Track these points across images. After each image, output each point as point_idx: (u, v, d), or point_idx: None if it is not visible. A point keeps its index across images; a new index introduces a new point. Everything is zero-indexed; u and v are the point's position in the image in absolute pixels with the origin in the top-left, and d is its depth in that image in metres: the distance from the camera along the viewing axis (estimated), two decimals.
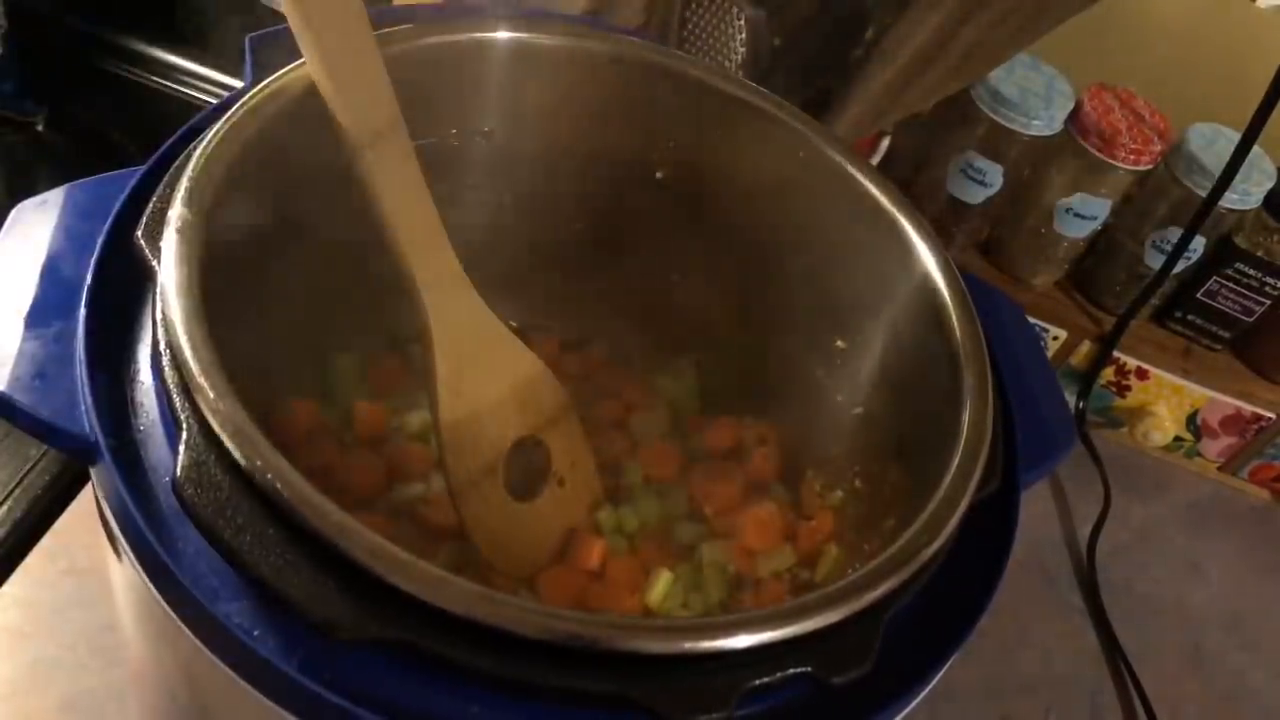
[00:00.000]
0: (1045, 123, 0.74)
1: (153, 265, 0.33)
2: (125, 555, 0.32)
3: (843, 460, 0.47)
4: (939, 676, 0.34)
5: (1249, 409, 0.82)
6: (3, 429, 0.59)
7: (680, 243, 0.51)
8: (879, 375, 0.46)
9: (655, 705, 0.29)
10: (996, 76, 0.73)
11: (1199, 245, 0.76)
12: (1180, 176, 0.75)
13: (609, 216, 0.51)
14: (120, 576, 0.35)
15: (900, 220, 0.44)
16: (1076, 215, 0.77)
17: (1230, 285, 0.78)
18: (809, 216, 0.47)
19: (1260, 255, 0.76)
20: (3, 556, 0.57)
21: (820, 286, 0.48)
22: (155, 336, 0.33)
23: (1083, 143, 0.75)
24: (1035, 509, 0.81)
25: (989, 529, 0.37)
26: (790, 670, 0.30)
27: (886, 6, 0.59)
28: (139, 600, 0.34)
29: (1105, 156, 0.74)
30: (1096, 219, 0.77)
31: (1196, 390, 0.82)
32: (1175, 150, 0.75)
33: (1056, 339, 0.83)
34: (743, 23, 0.56)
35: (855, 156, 0.45)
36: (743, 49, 0.57)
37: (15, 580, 0.57)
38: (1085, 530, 0.80)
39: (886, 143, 0.73)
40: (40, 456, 0.59)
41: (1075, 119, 0.75)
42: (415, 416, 0.49)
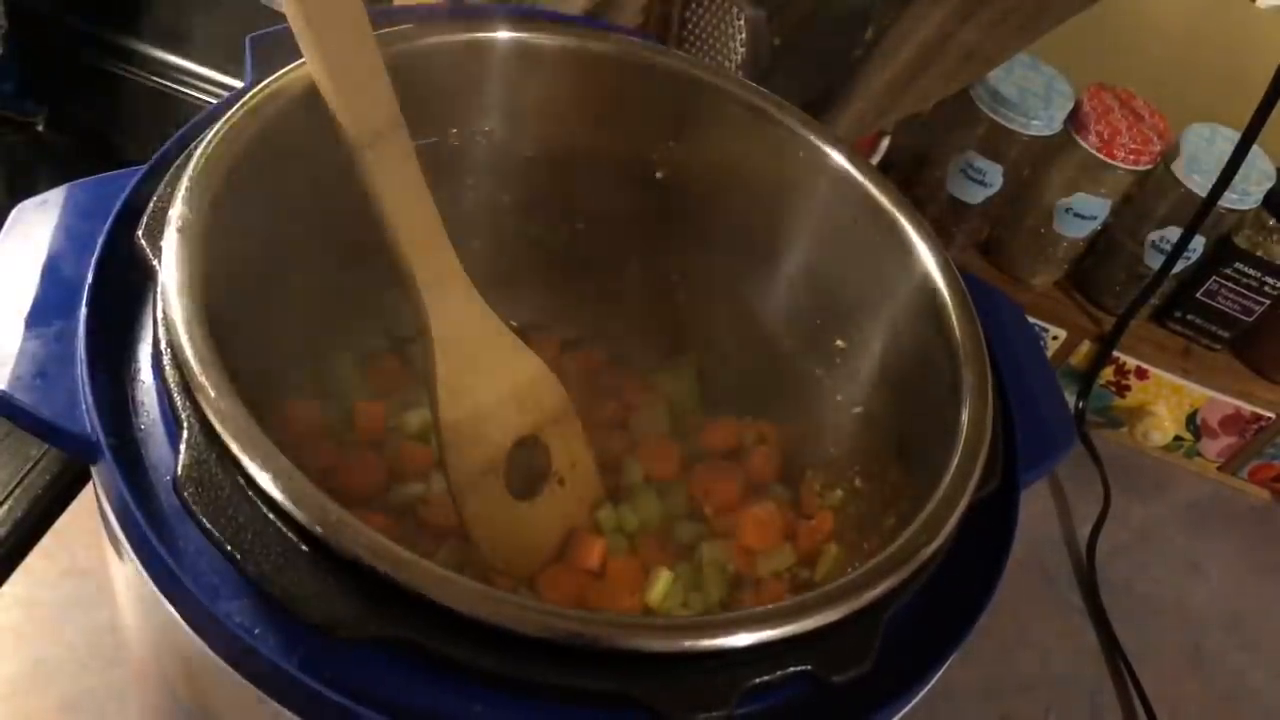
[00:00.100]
0: (1045, 123, 0.74)
1: (153, 265, 0.34)
2: (126, 554, 0.32)
3: (842, 460, 0.47)
4: (939, 676, 0.34)
5: (1249, 409, 0.82)
6: (3, 428, 0.59)
7: (680, 243, 0.51)
8: (879, 375, 0.46)
9: (656, 703, 0.29)
10: (996, 76, 0.73)
11: (1198, 245, 0.76)
12: (1180, 176, 0.75)
13: (610, 216, 0.51)
14: (121, 576, 0.35)
15: (900, 220, 0.44)
16: (1076, 215, 0.77)
17: (1230, 285, 0.78)
18: (809, 216, 0.47)
19: (1260, 255, 0.76)
20: (3, 556, 0.57)
21: (820, 286, 0.48)
22: (156, 336, 0.33)
23: (1082, 143, 0.75)
24: (1035, 508, 0.81)
25: (989, 528, 0.37)
26: (790, 669, 0.30)
27: (886, 6, 0.60)
28: (140, 599, 0.34)
29: (1105, 156, 0.74)
30: (1096, 219, 0.77)
31: (1196, 390, 0.82)
32: (1175, 150, 0.75)
33: (1056, 339, 0.83)
34: (742, 22, 0.56)
35: (855, 156, 0.45)
36: (742, 49, 0.57)
37: (16, 580, 0.57)
38: (1085, 530, 0.80)
39: (886, 143, 0.73)
40: (41, 456, 0.59)
41: (1075, 119, 0.75)
42: (415, 416, 0.49)
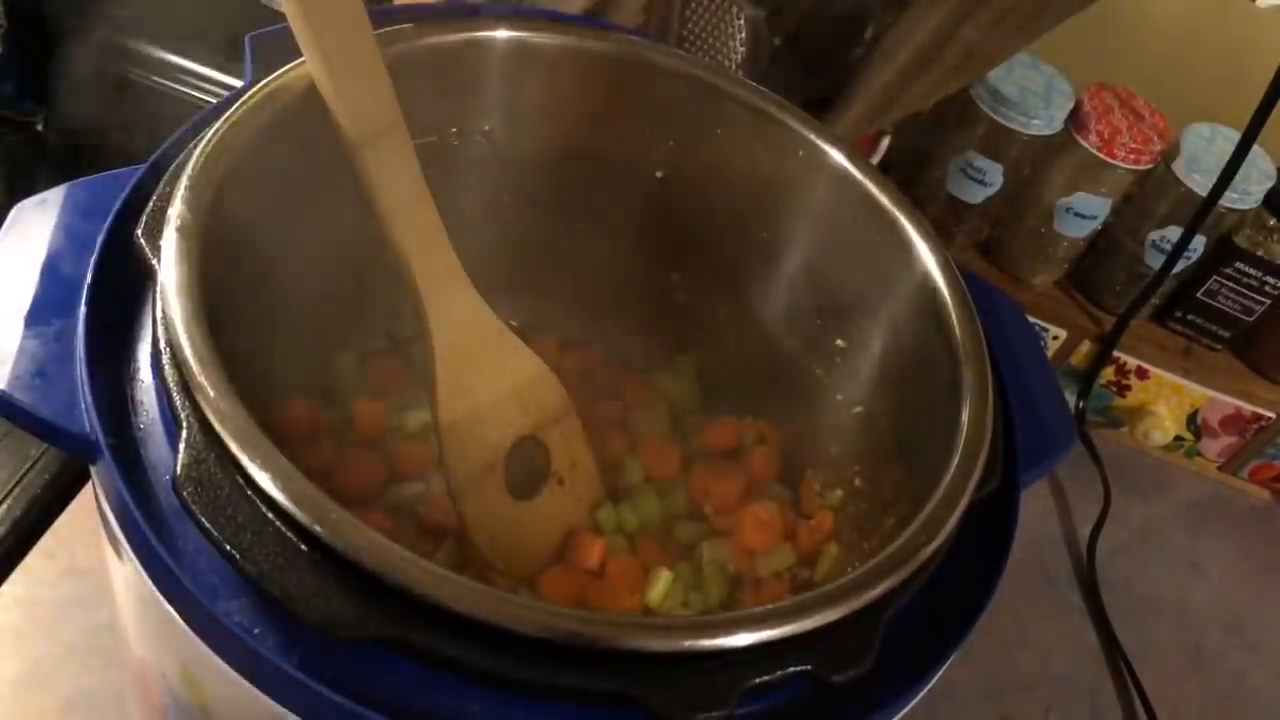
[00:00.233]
0: (1045, 122, 0.74)
1: (153, 264, 0.34)
2: (125, 554, 0.32)
3: (842, 459, 0.47)
4: (939, 675, 0.34)
5: (1249, 408, 0.82)
6: (3, 427, 0.59)
7: (680, 242, 0.51)
8: (879, 374, 0.46)
9: (655, 704, 0.29)
10: (996, 76, 0.73)
11: (1199, 245, 0.76)
12: (1180, 176, 0.75)
13: (609, 216, 0.51)
14: (120, 575, 0.35)
15: (900, 220, 0.44)
16: (1076, 215, 0.77)
17: (1230, 285, 0.78)
18: (809, 216, 0.47)
19: (1260, 254, 0.76)
20: (2, 556, 0.57)
21: (820, 286, 0.48)
22: (155, 335, 0.33)
23: (1082, 142, 0.75)
24: (1035, 508, 0.81)
25: (989, 528, 0.37)
26: (790, 669, 0.30)
27: (887, 6, 0.60)
28: (139, 599, 0.34)
29: (1105, 156, 0.74)
30: (1096, 218, 0.77)
31: (1196, 390, 0.82)
32: (1175, 149, 0.75)
33: (1056, 339, 0.83)
34: (742, 22, 0.56)
35: (855, 156, 0.45)
36: (742, 48, 0.57)
37: (15, 580, 0.57)
38: (1085, 530, 0.80)
39: (886, 142, 0.73)
40: (40, 455, 0.59)
41: (1075, 118, 0.75)
42: (415, 416, 0.49)
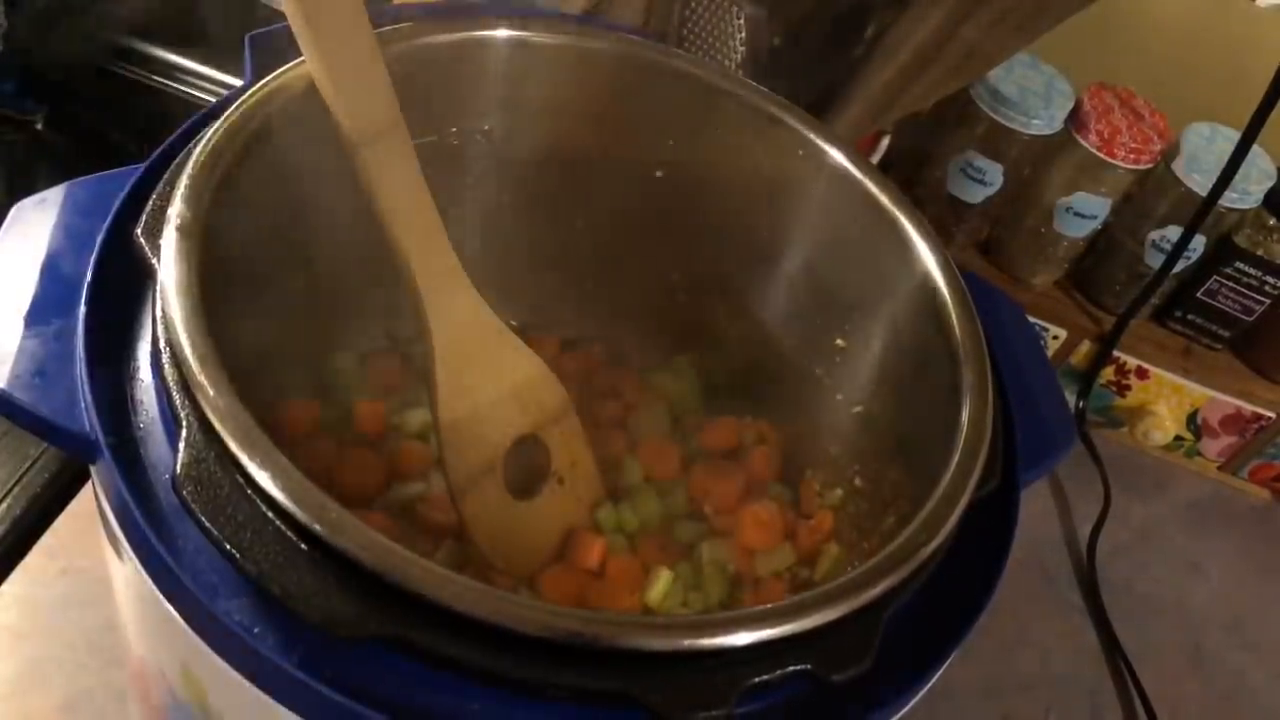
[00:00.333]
0: (1045, 122, 0.74)
1: (153, 263, 0.34)
2: (125, 553, 0.32)
3: (842, 459, 0.47)
4: (939, 674, 0.34)
5: (1249, 408, 0.82)
6: (2, 426, 0.59)
7: (680, 242, 0.51)
8: (879, 374, 0.46)
9: (655, 703, 0.29)
10: (996, 76, 0.73)
11: (1199, 244, 0.76)
12: (1180, 175, 0.75)
13: (609, 216, 0.51)
14: (120, 575, 0.35)
15: (900, 219, 0.44)
16: (1076, 214, 0.77)
17: (1230, 284, 0.78)
18: (809, 215, 0.47)
19: (1260, 254, 0.76)
20: (2, 555, 0.57)
21: (820, 286, 0.48)
22: (155, 334, 0.33)
23: (1082, 142, 0.75)
24: (1035, 508, 0.81)
25: (988, 527, 0.37)
26: (790, 668, 0.30)
27: (887, 5, 0.59)
28: (139, 598, 0.34)
29: (1105, 155, 0.74)
30: (1096, 218, 0.77)
31: (1196, 389, 0.82)
32: (1175, 149, 0.75)
33: (1056, 338, 0.83)
34: (742, 21, 0.56)
35: (856, 155, 0.45)
36: (742, 47, 0.57)
37: (14, 579, 0.57)
38: (1085, 530, 0.80)
39: (886, 142, 0.73)
40: (40, 455, 0.59)
41: (1075, 118, 0.75)
42: (415, 415, 0.49)
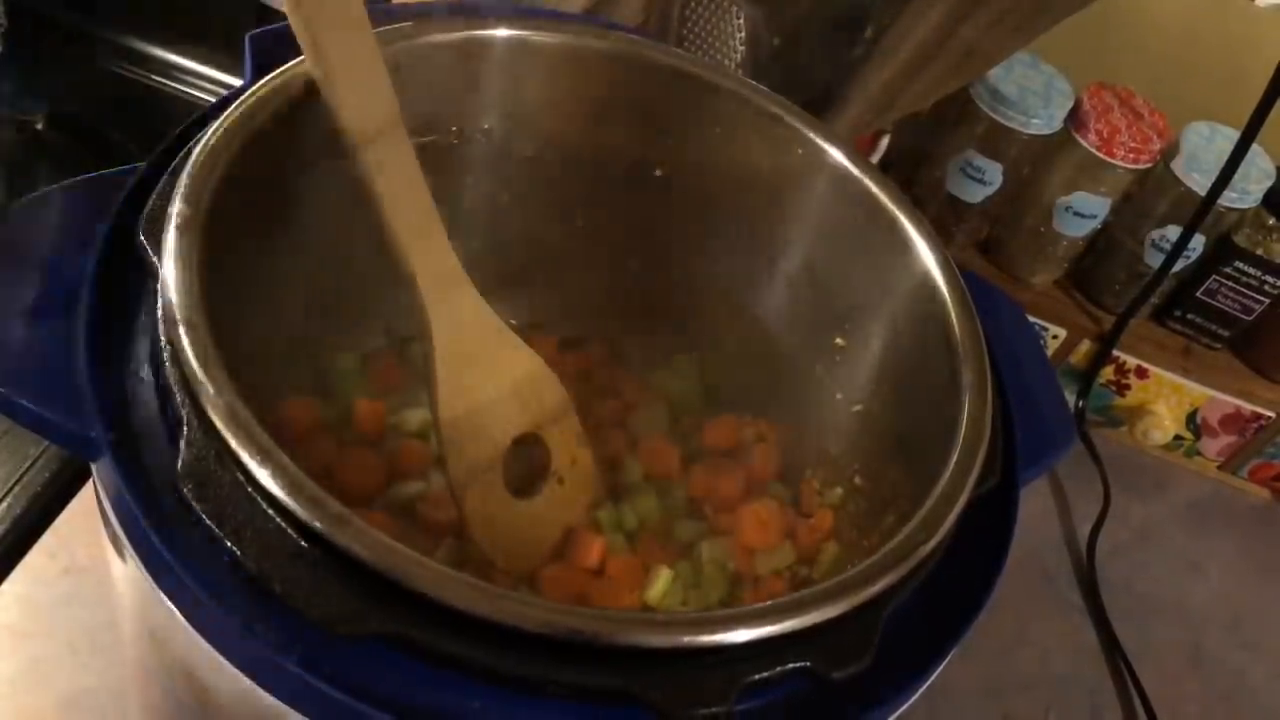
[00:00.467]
0: (1044, 121, 0.74)
1: (153, 262, 0.34)
2: (126, 551, 0.32)
3: (842, 458, 0.47)
4: (938, 673, 0.34)
5: (1249, 408, 0.82)
6: (3, 425, 0.59)
7: (680, 241, 0.51)
8: (878, 373, 0.46)
9: (655, 699, 0.29)
10: (995, 75, 0.73)
11: (1198, 244, 0.76)
12: (1179, 175, 0.75)
13: (609, 215, 0.51)
14: (121, 573, 0.35)
15: (900, 219, 0.44)
16: (1076, 214, 0.77)
17: (1229, 284, 0.78)
18: (809, 215, 0.47)
19: (1259, 254, 0.76)
20: (2, 554, 0.57)
21: (820, 285, 0.48)
22: (156, 333, 0.33)
23: (1082, 141, 0.75)
24: (1035, 508, 0.81)
25: (988, 526, 0.37)
26: (789, 665, 0.30)
27: (886, 5, 0.60)
28: (139, 596, 0.34)
29: (1104, 155, 0.74)
30: (1096, 218, 0.77)
31: (1196, 389, 0.82)
32: (1174, 149, 0.75)
33: (1056, 338, 0.83)
34: (741, 21, 0.56)
35: (855, 155, 0.45)
36: (742, 47, 0.57)
37: (15, 578, 0.57)
38: (1085, 529, 0.80)
39: (886, 142, 0.73)
40: (40, 454, 0.59)
41: (1074, 118, 0.75)
42: (414, 414, 0.49)
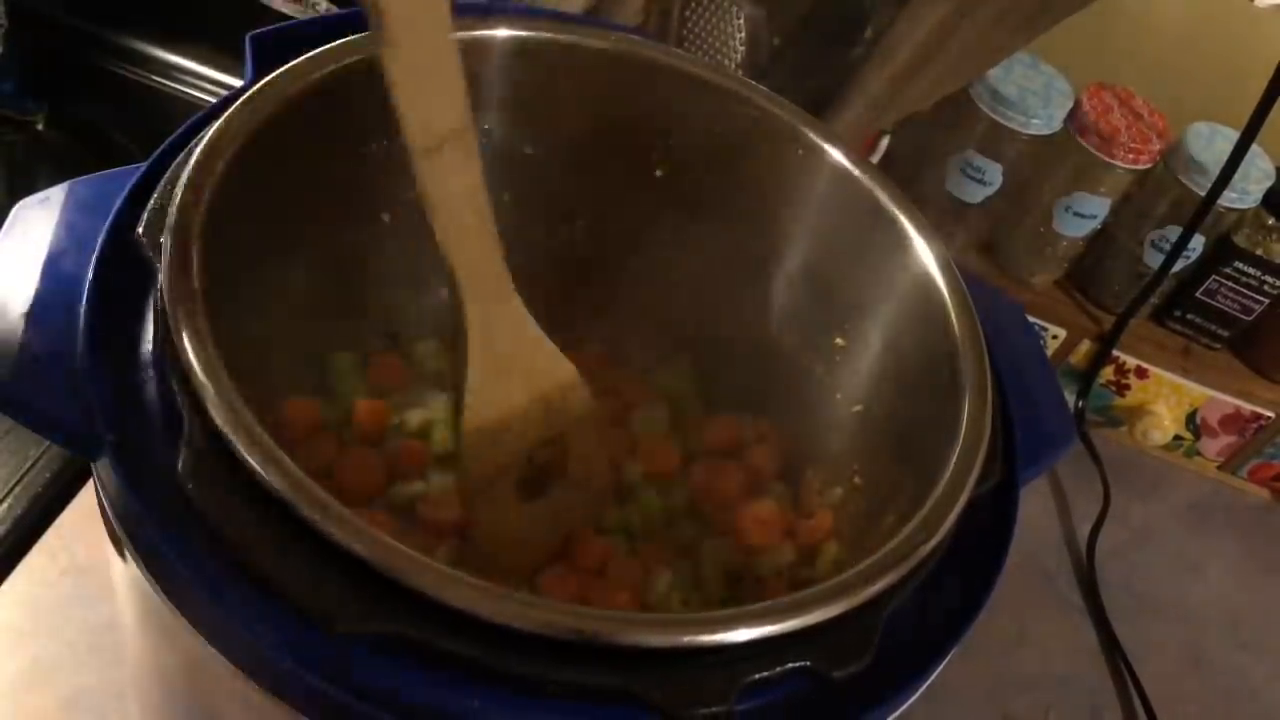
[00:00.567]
0: (1044, 122, 0.74)
1: (153, 262, 0.34)
2: (127, 551, 0.32)
3: (842, 458, 0.47)
4: (938, 672, 0.34)
5: (1248, 408, 0.82)
6: (4, 425, 0.59)
7: (680, 242, 0.51)
8: (878, 373, 0.46)
9: (656, 699, 0.29)
10: (995, 76, 0.73)
11: (1198, 244, 0.76)
12: (1179, 175, 0.75)
13: (609, 215, 0.51)
14: (121, 573, 0.35)
15: (900, 219, 0.44)
16: (1076, 214, 0.77)
17: (1229, 284, 0.78)
18: (809, 215, 0.48)
19: (1259, 254, 0.76)
20: (3, 554, 0.57)
21: (820, 285, 0.48)
22: (156, 333, 0.33)
23: (1082, 142, 0.75)
24: (1035, 508, 0.81)
25: (988, 526, 0.37)
26: (790, 665, 0.31)
27: (885, 5, 0.60)
28: (140, 596, 0.34)
29: (1104, 155, 0.74)
30: (1096, 218, 0.77)
31: (1196, 389, 0.82)
32: (1174, 149, 0.75)
33: (1056, 338, 0.83)
34: (742, 21, 0.56)
35: (855, 155, 0.45)
36: (742, 47, 0.57)
37: (16, 578, 0.57)
38: (1085, 529, 0.80)
39: (886, 142, 0.74)
40: (41, 454, 0.59)
41: (1074, 118, 0.75)
42: (415, 415, 0.49)
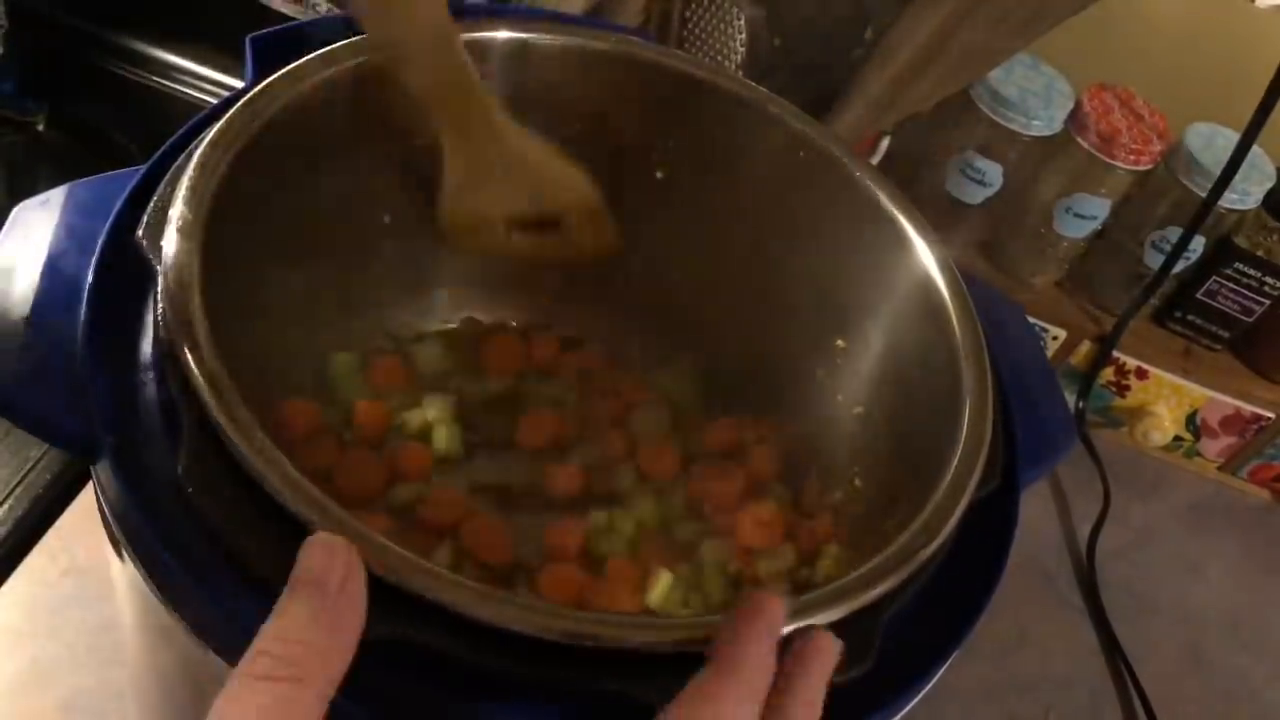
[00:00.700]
0: (1045, 123, 0.74)
1: (154, 264, 0.34)
2: (126, 554, 0.32)
3: (843, 460, 0.47)
4: (939, 675, 0.34)
5: (1248, 409, 0.82)
6: (4, 426, 0.59)
7: (680, 242, 0.51)
8: (879, 375, 0.46)
9: (656, 703, 0.29)
10: (996, 77, 0.73)
11: (1199, 245, 0.76)
12: (1180, 176, 0.75)
13: (610, 216, 0.51)
14: (121, 575, 0.35)
15: (900, 220, 0.44)
16: (1076, 215, 0.77)
17: (1230, 285, 0.78)
18: (809, 216, 0.47)
19: (1260, 255, 0.76)
20: (3, 555, 0.57)
21: (820, 286, 0.48)
22: (156, 335, 0.33)
23: (1082, 143, 0.75)
24: (1035, 508, 0.81)
25: (989, 528, 0.37)
26: None
27: (886, 6, 0.60)
28: (139, 599, 0.34)
29: (1105, 156, 0.74)
30: (1096, 219, 0.77)
31: (1196, 390, 0.82)
32: (1175, 150, 0.75)
33: (1056, 339, 0.83)
34: (742, 22, 0.56)
35: (855, 156, 0.45)
36: (742, 48, 0.57)
37: (16, 579, 0.57)
38: (1085, 530, 0.80)
39: (886, 143, 0.73)
40: (42, 455, 0.59)
41: (1075, 119, 0.75)
42: (415, 416, 0.49)
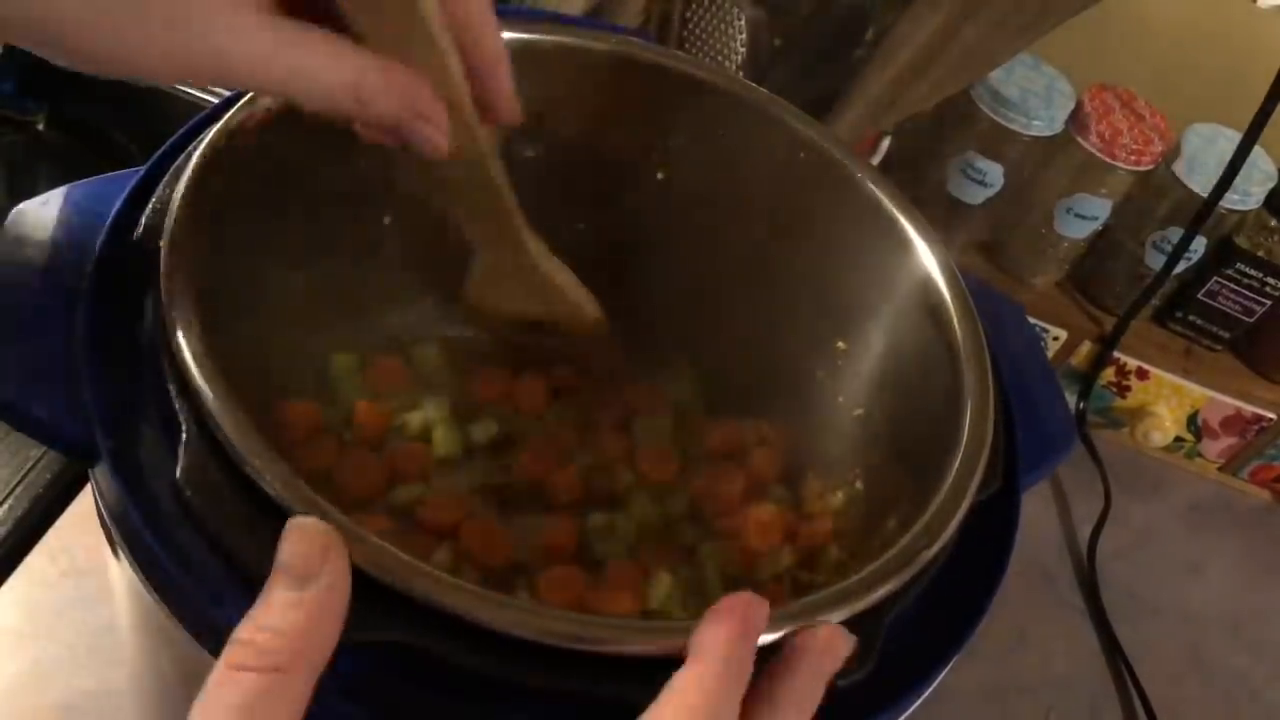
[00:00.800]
0: (1046, 123, 0.73)
1: (153, 265, 0.33)
2: (124, 556, 0.32)
3: (843, 461, 0.47)
4: (940, 677, 0.34)
5: (1249, 409, 0.82)
6: (4, 427, 0.59)
7: (681, 243, 0.51)
8: (879, 376, 0.46)
9: None
10: (997, 77, 0.73)
11: (1200, 245, 0.76)
12: (1181, 177, 0.75)
13: (609, 216, 0.51)
14: (120, 577, 0.35)
15: (900, 220, 0.44)
16: (1077, 215, 0.77)
17: (1231, 285, 0.78)
18: (809, 217, 0.47)
19: (1261, 255, 0.76)
20: (3, 556, 0.57)
21: (820, 286, 0.48)
22: (155, 337, 0.33)
23: (1083, 143, 0.75)
24: (1035, 510, 0.81)
25: (989, 530, 0.37)
26: None
27: (887, 6, 0.59)
28: (138, 601, 0.34)
29: (1106, 157, 0.74)
30: (1097, 219, 0.77)
31: (1197, 390, 0.82)
32: (1176, 150, 0.75)
33: (1057, 339, 0.83)
34: (743, 23, 0.56)
35: (855, 156, 0.45)
36: (743, 49, 0.57)
37: (15, 580, 0.57)
38: (1085, 531, 0.80)
39: (887, 143, 0.73)
40: (41, 456, 0.59)
41: (1076, 119, 0.75)
42: (415, 417, 0.49)
